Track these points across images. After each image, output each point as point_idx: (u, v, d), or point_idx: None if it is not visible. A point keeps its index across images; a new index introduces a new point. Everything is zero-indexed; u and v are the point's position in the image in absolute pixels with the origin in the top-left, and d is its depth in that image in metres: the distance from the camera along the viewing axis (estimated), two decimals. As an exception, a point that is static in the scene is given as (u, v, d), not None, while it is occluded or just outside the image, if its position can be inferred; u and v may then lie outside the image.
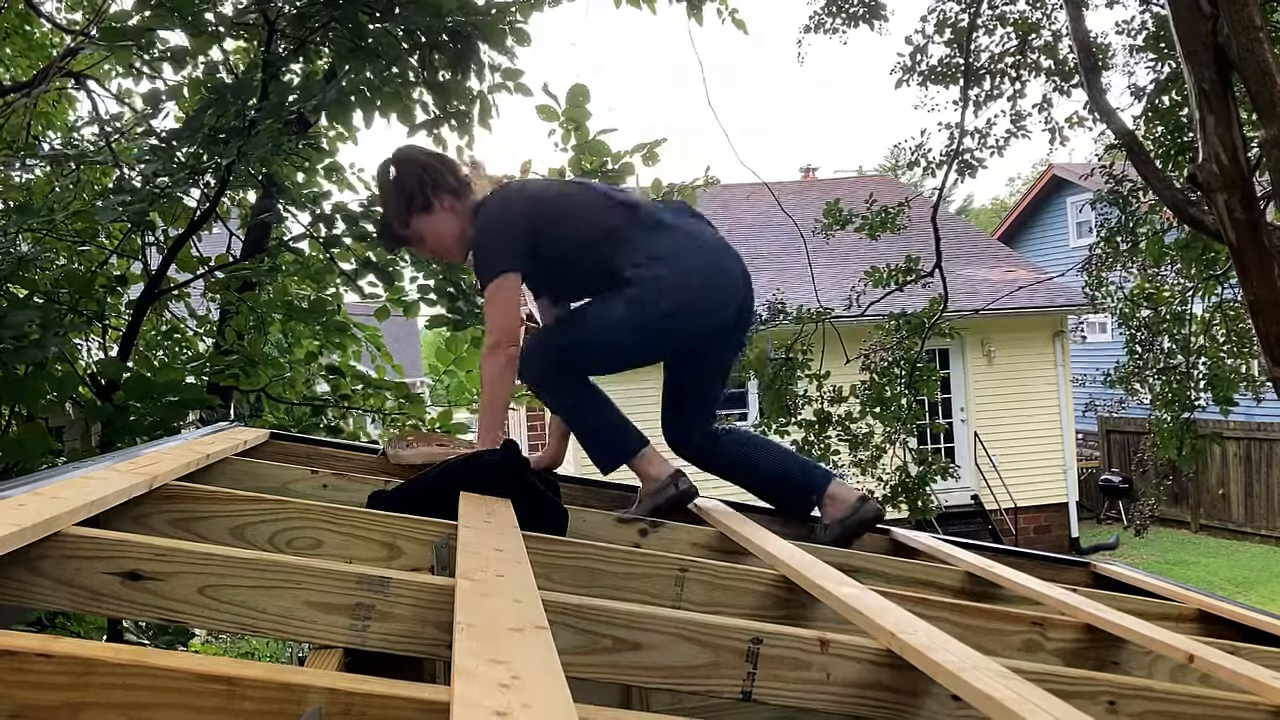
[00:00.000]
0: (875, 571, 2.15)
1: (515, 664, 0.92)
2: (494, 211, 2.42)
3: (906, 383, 8.79)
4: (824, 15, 9.47)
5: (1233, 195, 4.14)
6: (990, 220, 35.51)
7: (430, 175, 2.45)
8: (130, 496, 1.53)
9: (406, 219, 2.46)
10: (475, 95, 4.76)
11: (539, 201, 2.46)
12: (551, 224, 2.41)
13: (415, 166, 2.47)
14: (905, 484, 8.67)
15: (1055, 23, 9.28)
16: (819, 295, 9.59)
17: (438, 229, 2.47)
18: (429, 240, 2.50)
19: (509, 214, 2.41)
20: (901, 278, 9.00)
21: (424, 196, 2.43)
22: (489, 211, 2.43)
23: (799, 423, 8.87)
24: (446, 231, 2.47)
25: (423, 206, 2.44)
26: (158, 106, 4.78)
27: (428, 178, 2.44)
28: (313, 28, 4.43)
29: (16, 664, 0.87)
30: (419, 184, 2.44)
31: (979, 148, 9.36)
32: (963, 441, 14.52)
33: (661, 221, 2.43)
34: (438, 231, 2.47)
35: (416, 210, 2.45)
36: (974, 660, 1.24)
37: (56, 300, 4.40)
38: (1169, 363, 9.05)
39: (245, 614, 1.23)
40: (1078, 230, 19.19)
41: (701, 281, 2.40)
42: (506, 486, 1.96)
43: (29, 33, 7.22)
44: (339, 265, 5.30)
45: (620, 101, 60.83)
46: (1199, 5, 4.10)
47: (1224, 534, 14.43)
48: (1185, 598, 2.21)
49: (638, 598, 1.66)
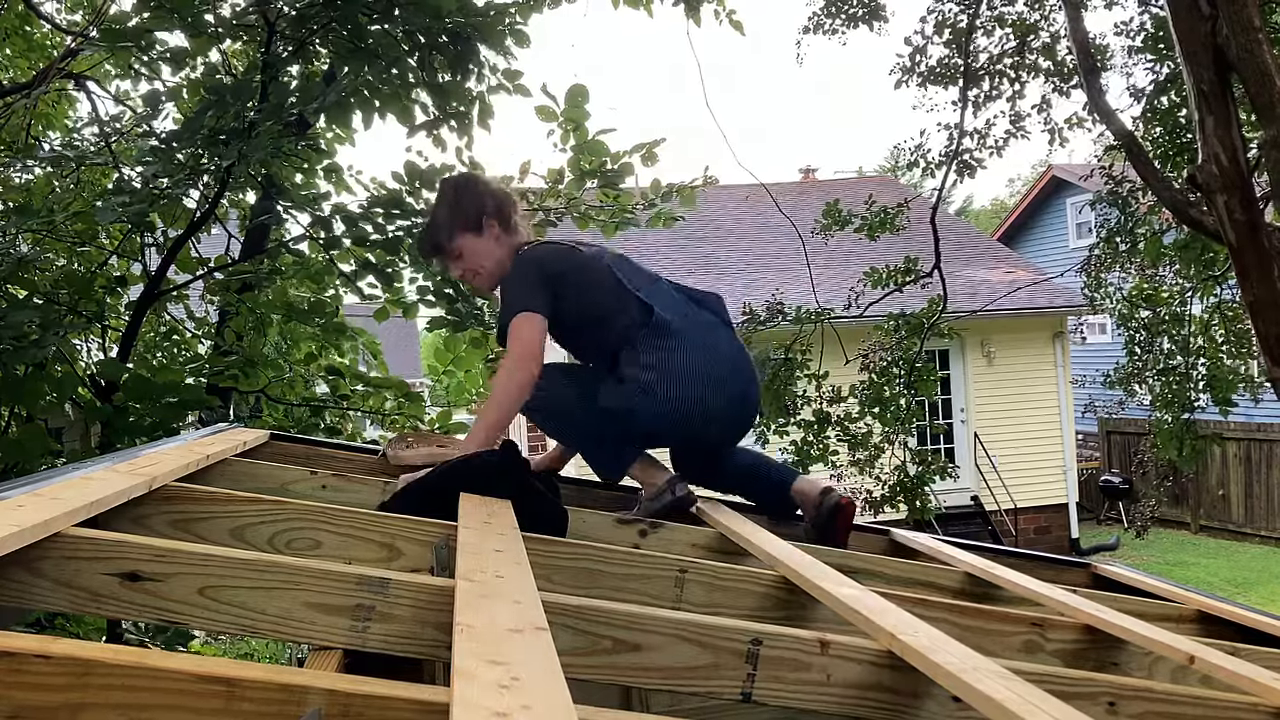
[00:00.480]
0: (875, 572, 2.15)
1: (515, 665, 0.92)
2: (532, 257, 2.49)
3: (905, 383, 8.79)
4: (823, 16, 9.48)
5: (1232, 196, 4.14)
6: (990, 221, 35.52)
7: (492, 202, 2.55)
8: (130, 497, 1.52)
9: (453, 233, 2.54)
10: (474, 96, 4.76)
11: (572, 267, 2.50)
12: (575, 292, 2.46)
13: (481, 189, 2.59)
14: (904, 484, 8.67)
15: (1054, 24, 9.29)
16: (818, 296, 9.59)
17: (479, 251, 2.55)
18: (467, 259, 2.56)
19: (544, 264, 2.47)
20: (901, 279, 9.00)
21: (478, 218, 2.53)
22: (529, 256, 2.50)
23: (798, 423, 8.88)
24: (488, 256, 2.55)
25: (474, 227, 2.53)
26: (157, 108, 4.78)
27: (489, 203, 2.54)
28: (312, 29, 4.43)
29: (15, 665, 0.86)
30: (478, 206, 2.53)
31: (978, 148, 9.37)
32: (962, 442, 14.52)
33: (671, 329, 2.43)
34: (478, 253, 2.55)
35: (467, 228, 2.53)
36: (974, 661, 1.24)
37: (56, 301, 4.40)
38: (1168, 363, 9.05)
39: (245, 615, 1.23)
40: (1077, 231, 19.20)
41: (685, 411, 2.41)
42: (506, 487, 1.96)
43: (29, 34, 7.22)
44: (338, 266, 5.30)
45: (619, 102, 60.84)
46: (1198, 6, 4.10)
47: (1224, 535, 14.43)
48: (1185, 599, 2.21)
49: (637, 599, 1.66)
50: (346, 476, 2.21)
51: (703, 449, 2.60)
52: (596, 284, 2.50)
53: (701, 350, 2.45)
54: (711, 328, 2.54)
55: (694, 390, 2.40)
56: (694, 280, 15.36)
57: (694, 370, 2.41)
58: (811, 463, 8.64)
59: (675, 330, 2.44)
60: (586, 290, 2.48)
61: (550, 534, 1.83)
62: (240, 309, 5.17)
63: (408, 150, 5.07)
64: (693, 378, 2.41)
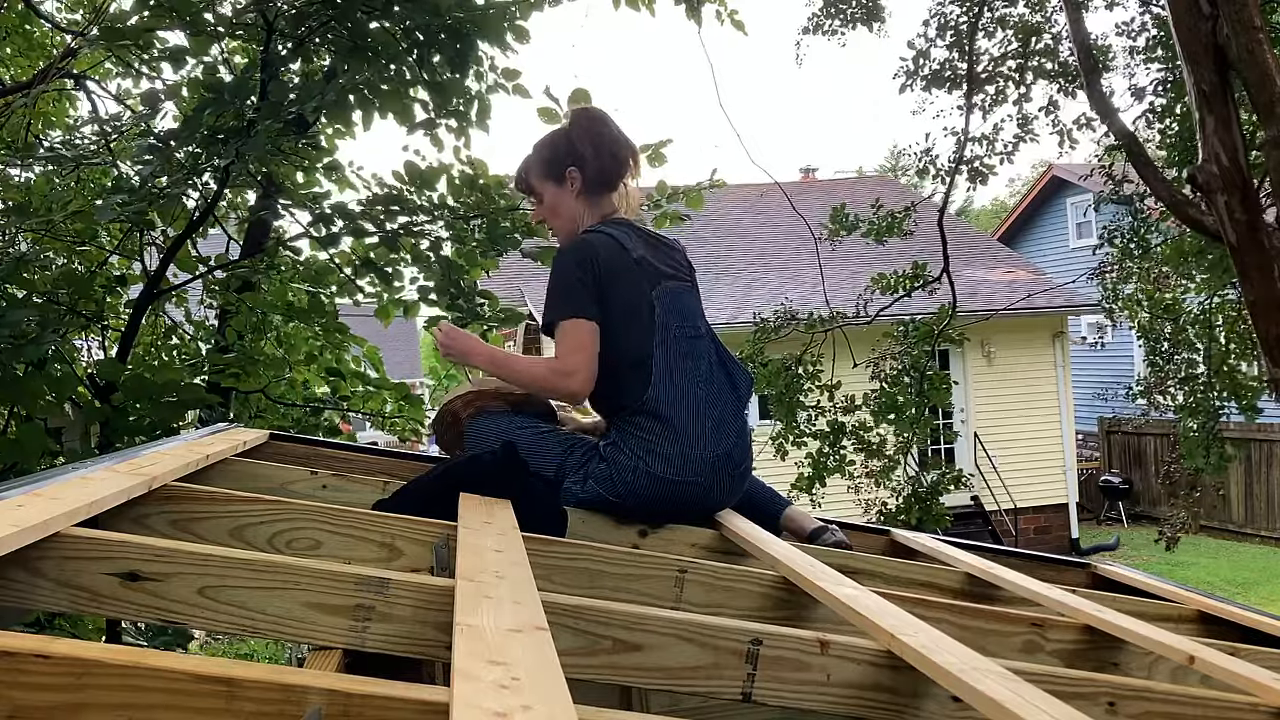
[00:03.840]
0: (875, 572, 2.14)
1: (515, 665, 0.92)
2: (591, 248, 2.24)
3: (917, 390, 8.73)
4: (822, 17, 9.49)
5: (1233, 196, 4.14)
6: (990, 221, 35.51)
7: (593, 153, 2.33)
8: (129, 497, 1.52)
9: (539, 175, 2.39)
10: (474, 95, 4.75)
11: (627, 284, 2.24)
12: (615, 308, 2.22)
13: (592, 135, 2.36)
14: (917, 494, 8.64)
15: (1055, 25, 9.29)
16: (828, 298, 9.55)
17: (554, 203, 2.38)
18: (546, 206, 2.41)
19: (602, 262, 2.22)
20: (909, 284, 8.96)
21: (563, 166, 2.34)
22: (585, 246, 2.25)
23: (814, 434, 8.81)
24: (562, 211, 2.38)
25: (556, 175, 2.35)
26: (156, 106, 4.77)
27: (587, 153, 2.33)
28: (311, 27, 4.43)
29: (14, 665, 0.86)
30: (572, 153, 2.35)
31: (988, 154, 9.30)
32: (963, 442, 14.52)
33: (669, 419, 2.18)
34: (553, 205, 2.39)
35: (549, 175, 2.37)
36: (974, 661, 1.24)
37: (55, 300, 4.39)
38: (1190, 372, 8.97)
39: (244, 615, 1.23)
40: (1078, 231, 19.19)
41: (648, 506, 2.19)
42: (506, 487, 1.96)
43: (29, 32, 7.22)
44: (338, 265, 5.30)
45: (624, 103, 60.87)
46: (1199, 6, 4.10)
47: (1224, 535, 14.43)
48: (1185, 599, 2.21)
49: (637, 599, 1.66)
50: (346, 476, 2.21)
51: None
52: (631, 319, 2.22)
53: (682, 447, 2.17)
54: (721, 411, 2.26)
55: (661, 491, 2.17)
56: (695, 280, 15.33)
57: (664, 473, 2.16)
58: (829, 474, 8.58)
59: (661, 418, 2.18)
60: (620, 315, 2.22)
61: (550, 534, 1.83)
62: (240, 308, 5.17)
63: (405, 149, 5.05)
64: (661, 480, 2.16)
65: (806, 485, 8.47)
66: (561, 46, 16.84)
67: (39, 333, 3.83)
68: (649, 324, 2.23)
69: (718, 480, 2.23)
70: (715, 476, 2.23)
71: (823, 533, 2.38)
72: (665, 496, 2.18)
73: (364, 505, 1.90)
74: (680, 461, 2.18)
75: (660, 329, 2.23)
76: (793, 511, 2.51)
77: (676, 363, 2.23)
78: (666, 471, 2.17)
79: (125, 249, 5.37)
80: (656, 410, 2.18)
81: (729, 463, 2.25)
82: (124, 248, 5.36)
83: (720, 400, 2.27)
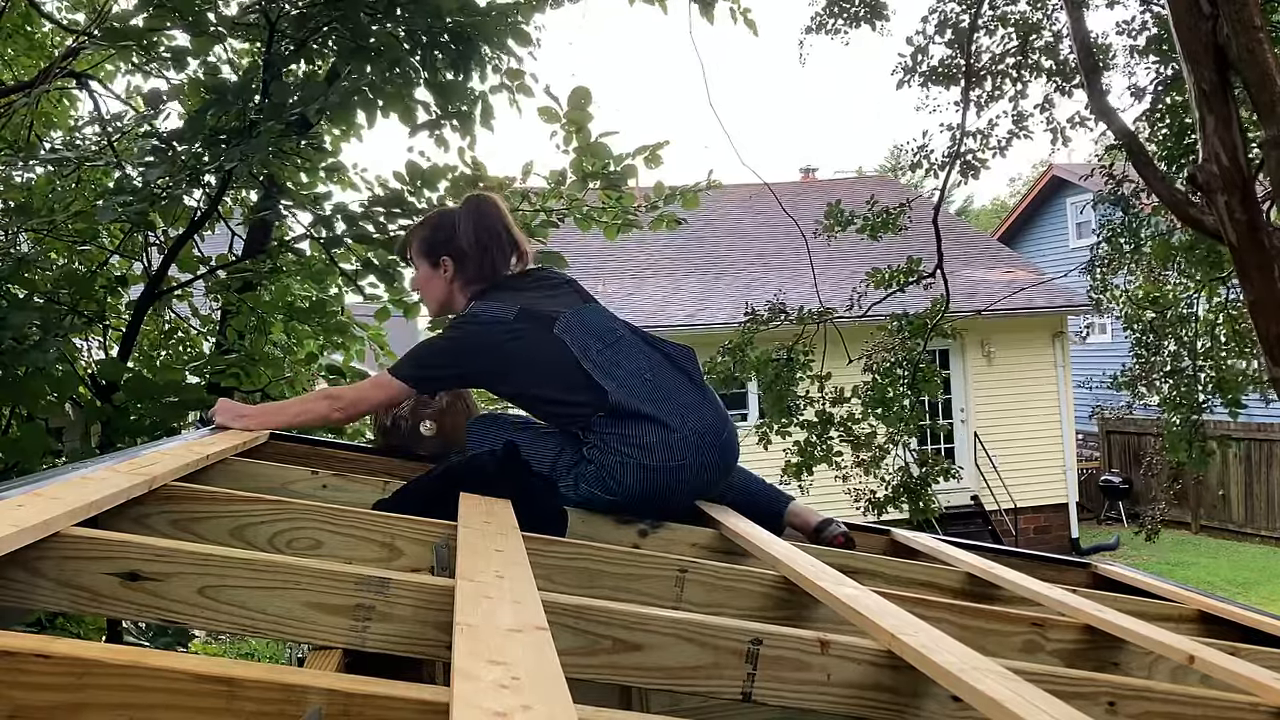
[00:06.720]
0: (875, 572, 2.14)
1: (515, 665, 0.92)
2: (471, 327, 2.32)
3: (908, 383, 8.80)
4: (825, 16, 9.49)
5: (1233, 196, 4.14)
6: (990, 220, 35.49)
7: (470, 244, 2.42)
8: (130, 497, 1.52)
9: (416, 252, 2.53)
10: (477, 96, 4.76)
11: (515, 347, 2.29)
12: (521, 371, 2.30)
13: (471, 224, 2.44)
14: (907, 485, 8.68)
15: (1056, 23, 9.30)
16: (820, 295, 9.59)
17: (426, 282, 2.53)
18: (420, 281, 2.57)
19: (479, 338, 2.30)
20: (903, 279, 9.00)
21: (439, 252, 2.47)
22: (470, 324, 2.32)
23: (801, 424, 8.88)
24: (432, 290, 2.52)
25: (431, 257, 2.49)
26: (158, 107, 4.78)
27: (463, 244, 2.43)
28: (314, 28, 4.43)
29: (14, 664, 0.86)
30: (449, 240, 2.45)
31: (981, 149, 9.37)
32: (963, 442, 14.52)
33: (639, 412, 2.21)
34: (424, 283, 2.54)
35: (425, 255, 2.50)
36: (974, 661, 1.24)
37: (57, 301, 4.39)
38: (1176, 365, 9.04)
39: (245, 615, 1.23)
40: (1078, 231, 19.18)
41: (644, 498, 2.22)
42: (506, 487, 1.96)
43: (31, 32, 7.22)
44: (340, 266, 5.30)
45: (619, 102, 60.79)
46: (1199, 5, 4.10)
47: (1224, 535, 14.42)
48: (1185, 598, 2.21)
49: (637, 599, 1.66)
50: (347, 476, 2.21)
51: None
52: (545, 362, 2.27)
53: (661, 433, 2.21)
54: (678, 391, 2.30)
55: (653, 480, 2.20)
56: (695, 279, 15.37)
57: (651, 461, 2.19)
58: (815, 463, 8.65)
59: (631, 414, 2.21)
60: (532, 369, 2.29)
61: (550, 534, 1.83)
62: (241, 308, 5.17)
63: (409, 150, 5.05)
64: (650, 469, 2.19)
65: (795, 472, 8.53)
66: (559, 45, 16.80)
67: (42, 336, 3.83)
68: (571, 360, 2.26)
69: (704, 455, 2.26)
70: (701, 453, 2.25)
71: (829, 525, 2.43)
72: (659, 485, 2.21)
73: (364, 505, 1.90)
74: (664, 448, 2.21)
75: (582, 357, 2.26)
76: (796, 507, 2.55)
77: (615, 371, 2.27)
78: (654, 460, 2.20)
79: (126, 249, 5.37)
80: (622, 411, 2.22)
81: (712, 433, 2.28)
82: (125, 248, 5.36)
83: (672, 383, 2.31)
